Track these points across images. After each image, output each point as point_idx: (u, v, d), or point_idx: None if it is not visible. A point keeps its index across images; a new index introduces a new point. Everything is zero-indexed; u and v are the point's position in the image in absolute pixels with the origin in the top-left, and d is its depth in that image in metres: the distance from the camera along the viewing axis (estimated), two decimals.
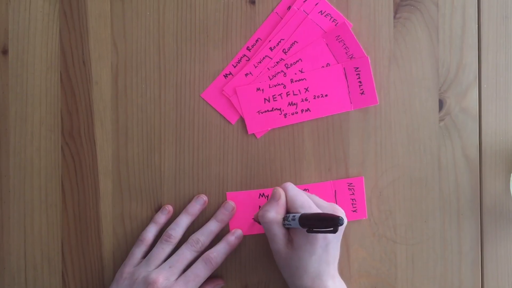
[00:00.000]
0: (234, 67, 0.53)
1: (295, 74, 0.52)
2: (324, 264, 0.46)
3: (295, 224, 0.45)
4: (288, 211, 0.47)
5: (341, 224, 0.41)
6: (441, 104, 0.53)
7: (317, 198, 0.48)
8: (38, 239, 0.53)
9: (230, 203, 0.52)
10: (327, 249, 0.45)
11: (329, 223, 0.42)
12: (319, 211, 0.46)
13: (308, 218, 0.44)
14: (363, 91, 0.52)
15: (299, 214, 0.45)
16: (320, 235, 0.45)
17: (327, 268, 0.46)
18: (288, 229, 0.47)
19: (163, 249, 0.50)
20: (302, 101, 0.53)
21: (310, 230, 0.43)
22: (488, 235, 0.53)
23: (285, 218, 0.46)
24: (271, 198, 0.48)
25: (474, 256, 0.53)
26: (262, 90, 0.52)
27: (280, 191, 0.47)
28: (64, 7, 0.53)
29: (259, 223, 0.49)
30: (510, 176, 0.53)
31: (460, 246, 0.53)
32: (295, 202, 0.47)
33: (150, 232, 0.51)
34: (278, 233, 0.46)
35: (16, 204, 0.53)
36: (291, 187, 0.48)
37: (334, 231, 0.41)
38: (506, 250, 0.53)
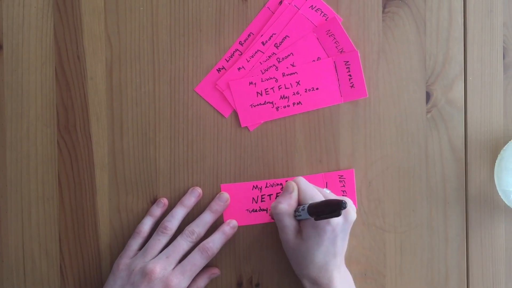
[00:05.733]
0: (227, 61, 0.53)
1: (287, 68, 0.53)
2: (331, 255, 0.47)
3: (305, 214, 0.46)
4: (299, 203, 0.48)
5: (344, 208, 0.42)
6: (428, 96, 0.54)
7: (327, 192, 0.49)
8: (36, 232, 0.53)
9: (225, 194, 0.53)
10: (335, 241, 0.47)
11: (333, 207, 0.43)
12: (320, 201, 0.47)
13: (315, 206, 0.45)
14: (353, 84, 0.54)
15: (308, 204, 0.46)
16: (329, 228, 0.46)
17: (334, 259, 0.47)
18: (299, 221, 0.48)
19: (159, 240, 0.50)
20: (294, 94, 0.53)
21: (318, 218, 0.44)
22: (473, 223, 0.54)
23: (296, 210, 0.48)
24: (284, 191, 0.49)
25: (460, 243, 0.54)
26: (255, 84, 0.53)
27: (293, 184, 0.48)
28: (58, 2, 0.53)
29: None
30: (494, 165, 0.54)
31: (446, 233, 0.54)
32: (306, 194, 0.48)
33: (146, 225, 0.52)
34: (289, 224, 0.47)
35: (14, 198, 0.53)
36: (303, 181, 0.49)
37: (337, 215, 0.42)
38: (490, 237, 0.55)
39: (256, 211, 0.53)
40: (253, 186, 0.54)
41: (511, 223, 0.55)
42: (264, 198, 0.54)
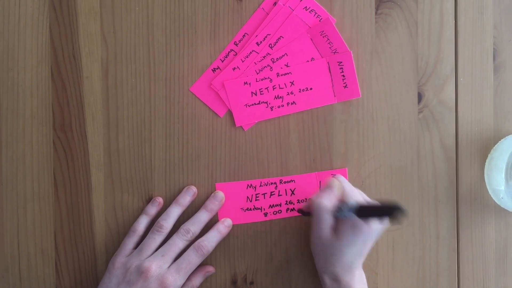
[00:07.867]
0: (222, 61, 0.54)
1: (281, 68, 0.54)
2: (358, 255, 0.47)
3: (348, 213, 0.45)
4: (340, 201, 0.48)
5: (403, 214, 0.41)
6: (420, 96, 0.55)
7: (365, 195, 0.50)
8: (32, 231, 0.53)
9: (219, 193, 0.53)
10: (367, 242, 0.47)
11: (388, 211, 0.42)
12: (373, 203, 0.48)
13: (367, 209, 0.45)
14: (346, 85, 0.54)
15: (356, 204, 0.46)
16: (366, 229, 0.46)
17: (359, 260, 0.48)
18: (335, 218, 0.48)
19: (155, 239, 0.50)
20: (288, 94, 0.54)
21: (365, 218, 0.44)
22: (463, 221, 0.55)
23: (338, 208, 0.47)
24: (327, 187, 0.48)
25: (451, 240, 0.55)
26: (249, 84, 0.54)
27: (337, 182, 0.49)
28: (53, 2, 0.53)
29: (304, 214, 0.50)
30: (484, 164, 0.55)
31: (438, 231, 0.55)
32: (350, 194, 0.48)
33: (142, 223, 0.52)
34: (327, 220, 0.47)
35: (9, 197, 0.53)
36: (345, 181, 0.49)
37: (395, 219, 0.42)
38: (481, 235, 0.56)
39: (250, 209, 0.54)
40: (248, 185, 0.54)
41: (500, 221, 0.56)
42: (258, 197, 0.54)
